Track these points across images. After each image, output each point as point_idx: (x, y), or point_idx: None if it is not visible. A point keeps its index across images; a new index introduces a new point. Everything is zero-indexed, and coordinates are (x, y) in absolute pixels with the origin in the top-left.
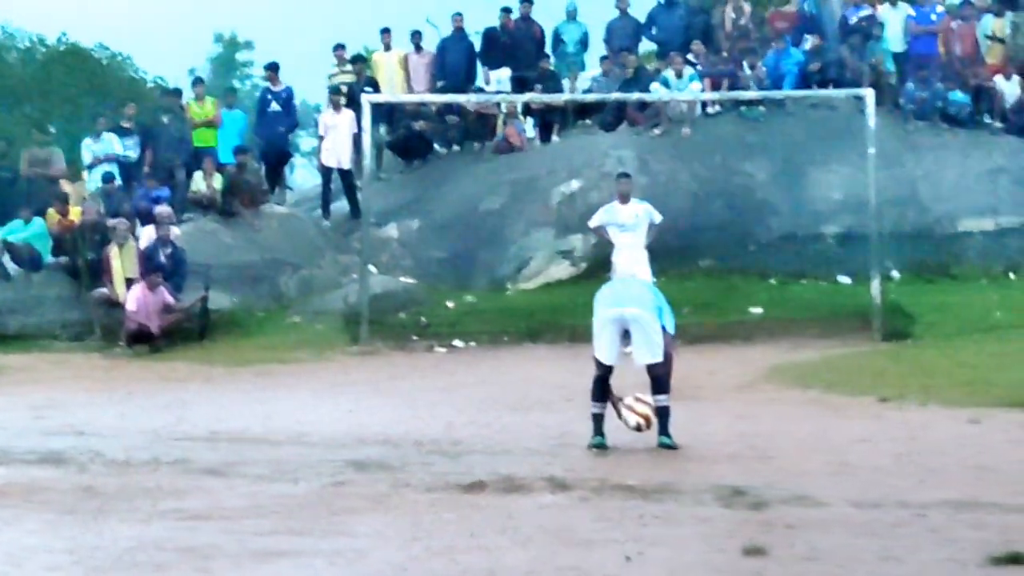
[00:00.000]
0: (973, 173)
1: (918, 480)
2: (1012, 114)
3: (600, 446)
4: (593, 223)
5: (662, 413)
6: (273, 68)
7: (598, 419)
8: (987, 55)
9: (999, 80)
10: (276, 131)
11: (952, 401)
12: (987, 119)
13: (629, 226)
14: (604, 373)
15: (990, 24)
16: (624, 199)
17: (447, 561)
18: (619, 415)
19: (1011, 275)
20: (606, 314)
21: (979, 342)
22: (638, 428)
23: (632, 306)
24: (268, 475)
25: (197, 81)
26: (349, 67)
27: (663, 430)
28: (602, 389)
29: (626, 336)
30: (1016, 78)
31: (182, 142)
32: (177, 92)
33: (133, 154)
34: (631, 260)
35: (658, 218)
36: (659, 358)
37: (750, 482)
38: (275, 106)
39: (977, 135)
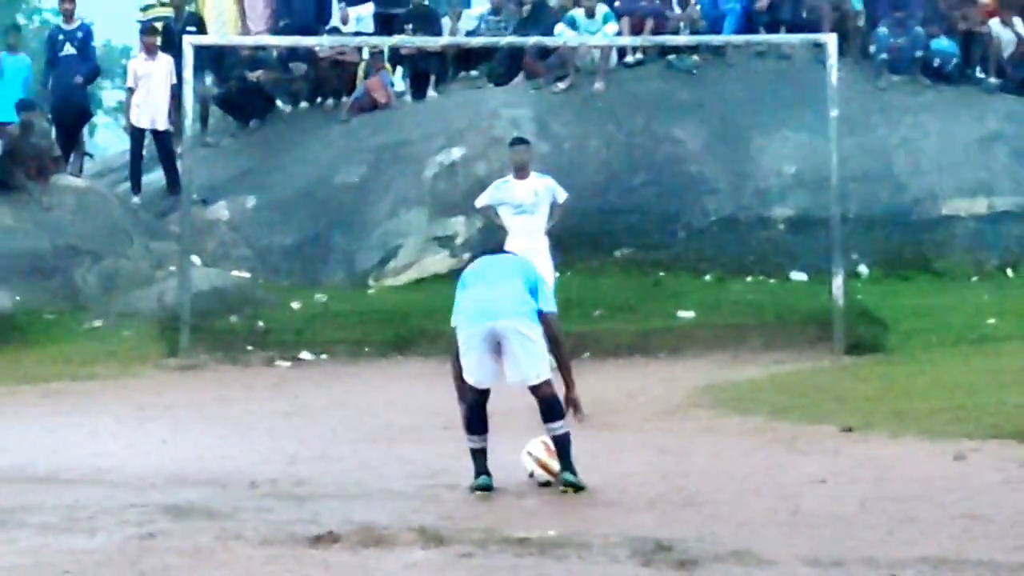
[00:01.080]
0: (961, 141)
1: (889, 532)
2: (1010, 67)
3: (485, 488)
4: (480, 203)
5: (562, 443)
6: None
7: (479, 455)
8: None
9: (994, 24)
10: (70, 81)
11: (933, 431)
12: (979, 73)
13: (527, 206)
14: (480, 399)
15: None
16: (521, 172)
17: None
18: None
19: (1008, 272)
20: (472, 331)
21: (967, 356)
22: (531, 476)
23: (502, 317)
24: (58, 524)
25: None
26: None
27: (566, 465)
28: (480, 418)
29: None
30: (1017, 21)
31: None
32: None
33: None
34: (528, 250)
35: (562, 196)
36: (544, 376)
37: (676, 534)
38: (69, 49)
39: (967, 93)
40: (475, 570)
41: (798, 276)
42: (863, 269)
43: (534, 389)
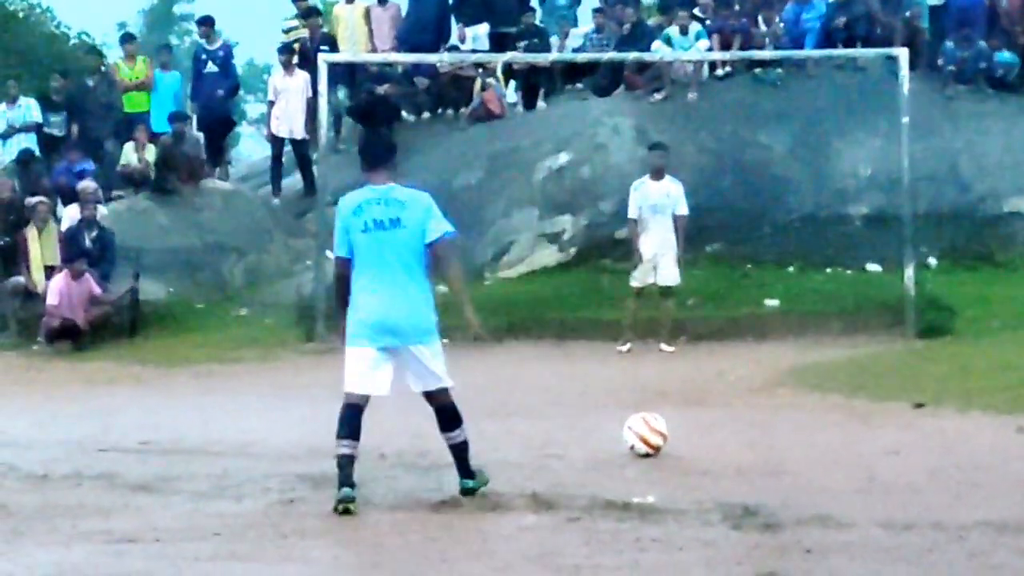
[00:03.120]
0: (1021, 145)
1: (956, 498)
2: None
3: (348, 500)
4: (632, 214)
5: (459, 450)
6: (207, 23)
7: (346, 463)
8: None
9: None
10: (214, 95)
11: (996, 407)
12: None
13: (659, 206)
14: (359, 404)
15: None
16: (656, 174)
17: None
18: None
19: None
20: (368, 347)
21: None
22: (631, 448)
23: (403, 341)
24: (208, 492)
25: (127, 38)
26: (303, 21)
27: (463, 470)
28: (354, 422)
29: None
30: None
31: (110, 108)
32: (97, 52)
33: (59, 132)
34: (659, 243)
35: (682, 210)
36: (443, 383)
37: (763, 500)
38: (211, 66)
39: None
40: (582, 533)
41: (873, 267)
42: (932, 261)
43: (429, 396)
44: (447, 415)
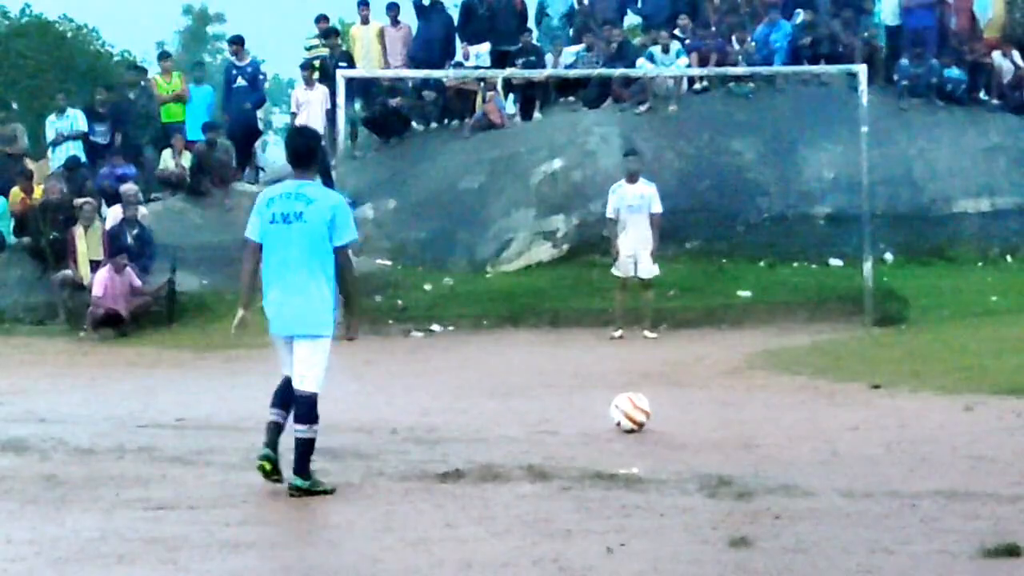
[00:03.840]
0: (969, 152)
1: (909, 469)
2: (1009, 91)
3: (266, 459)
4: (610, 213)
5: (302, 446)
6: (238, 42)
7: (272, 429)
8: (984, 30)
9: (996, 56)
10: (242, 107)
11: (946, 388)
12: (983, 96)
13: (635, 206)
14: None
15: None
16: (632, 177)
17: (422, 552)
18: None
19: (1008, 258)
20: (275, 335)
21: (974, 327)
22: (618, 425)
23: (296, 334)
24: (237, 463)
25: (163, 55)
26: (323, 41)
27: (299, 468)
28: (285, 395)
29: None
30: (1015, 53)
31: (149, 118)
32: (140, 70)
33: (103, 140)
34: (636, 240)
35: (657, 208)
36: (306, 388)
37: (736, 471)
38: (241, 81)
39: (973, 113)
40: (572, 500)
41: (835, 262)
42: (888, 256)
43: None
44: (302, 408)
